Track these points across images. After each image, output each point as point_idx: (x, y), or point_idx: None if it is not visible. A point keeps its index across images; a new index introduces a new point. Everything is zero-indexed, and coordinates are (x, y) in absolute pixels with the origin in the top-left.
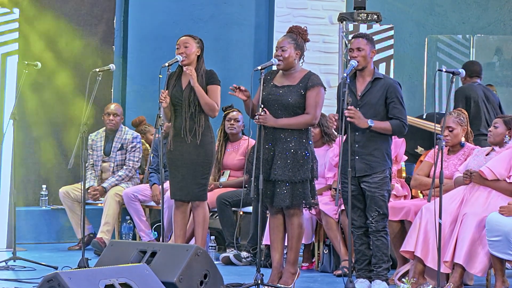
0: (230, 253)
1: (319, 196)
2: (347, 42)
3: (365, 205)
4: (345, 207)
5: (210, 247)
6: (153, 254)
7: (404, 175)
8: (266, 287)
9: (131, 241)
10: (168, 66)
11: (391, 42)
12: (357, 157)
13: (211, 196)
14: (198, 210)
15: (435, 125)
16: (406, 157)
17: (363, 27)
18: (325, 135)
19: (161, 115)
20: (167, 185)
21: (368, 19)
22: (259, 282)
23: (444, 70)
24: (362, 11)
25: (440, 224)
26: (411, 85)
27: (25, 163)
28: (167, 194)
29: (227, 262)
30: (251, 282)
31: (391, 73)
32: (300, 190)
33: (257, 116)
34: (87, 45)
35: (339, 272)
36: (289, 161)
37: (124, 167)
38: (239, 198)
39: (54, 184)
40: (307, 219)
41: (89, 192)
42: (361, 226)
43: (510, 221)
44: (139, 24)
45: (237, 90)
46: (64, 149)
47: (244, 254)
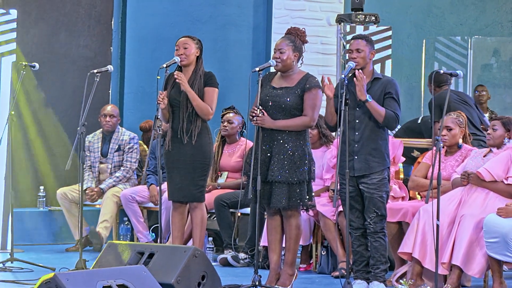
0: (228, 254)
1: (317, 198)
2: (345, 44)
3: (363, 206)
4: (343, 208)
5: (208, 249)
6: (151, 255)
7: (402, 176)
8: None
9: (129, 242)
10: (166, 67)
11: (388, 42)
12: (356, 157)
13: (209, 197)
14: (196, 211)
15: (433, 123)
16: (404, 159)
17: (359, 28)
18: (323, 136)
19: (159, 117)
20: (165, 186)
21: (366, 20)
22: (257, 283)
23: (442, 71)
24: (360, 12)
25: (437, 225)
26: (409, 86)
27: (22, 164)
28: (165, 195)
29: (225, 263)
30: (249, 283)
31: (389, 74)
32: (297, 191)
33: (255, 118)
34: (85, 47)
35: (337, 273)
36: (286, 162)
37: (122, 168)
38: (237, 200)
39: (52, 186)
40: (305, 221)
41: (87, 194)
42: (359, 227)
43: (507, 222)
44: (137, 26)
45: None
46: (61, 150)
47: (242, 255)
